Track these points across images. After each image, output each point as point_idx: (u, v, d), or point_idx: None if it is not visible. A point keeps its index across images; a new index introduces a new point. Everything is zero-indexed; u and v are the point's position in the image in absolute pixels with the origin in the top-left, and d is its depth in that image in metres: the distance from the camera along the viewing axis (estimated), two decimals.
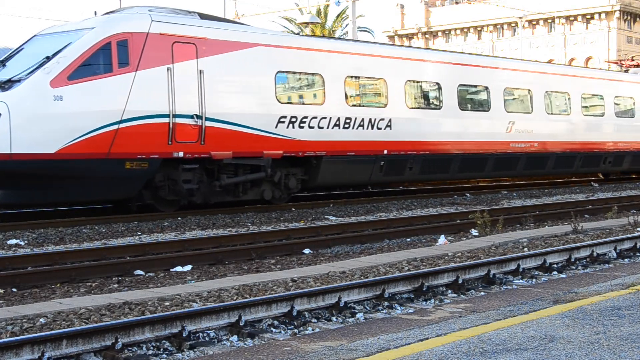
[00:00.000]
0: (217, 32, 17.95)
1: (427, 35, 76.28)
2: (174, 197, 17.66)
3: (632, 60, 38.44)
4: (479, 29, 72.93)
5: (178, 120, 16.87)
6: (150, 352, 6.78)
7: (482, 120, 24.50)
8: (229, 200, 18.56)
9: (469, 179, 27.60)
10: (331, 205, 20.52)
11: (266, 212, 18.63)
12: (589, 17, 66.99)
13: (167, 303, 8.35)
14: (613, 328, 6.13)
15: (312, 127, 19.57)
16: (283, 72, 19.28)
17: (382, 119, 21.30)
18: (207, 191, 17.90)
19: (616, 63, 39.13)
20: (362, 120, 20.83)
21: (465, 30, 74.12)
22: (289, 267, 11.73)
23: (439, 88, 23.25)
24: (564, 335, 5.92)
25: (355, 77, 21.08)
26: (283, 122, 18.91)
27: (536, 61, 31.87)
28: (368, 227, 16.14)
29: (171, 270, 11.55)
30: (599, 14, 66.65)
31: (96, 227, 15.64)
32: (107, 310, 7.98)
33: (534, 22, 68.36)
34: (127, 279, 10.88)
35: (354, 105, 20.80)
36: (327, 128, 19.96)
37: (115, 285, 10.39)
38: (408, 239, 14.86)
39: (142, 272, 11.30)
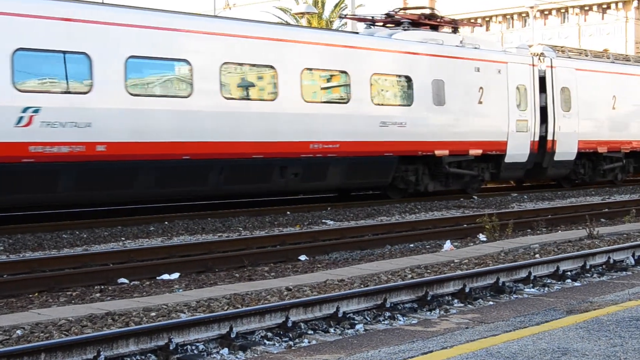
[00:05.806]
0: None
1: None
2: None
3: (388, 15, 23.79)
4: (487, 19, 73.05)
5: None
6: None
7: None
8: None
9: None
10: (329, 208, 20.50)
11: (259, 216, 18.62)
12: (605, 6, 67.08)
13: (153, 313, 8.36)
14: (631, 340, 6.14)
15: None
16: None
17: None
18: None
19: (363, 20, 25.13)
20: None
21: (472, 20, 74.23)
22: (284, 274, 11.75)
23: None
24: (579, 348, 5.93)
25: None
26: None
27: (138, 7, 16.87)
28: (368, 232, 16.16)
29: (157, 278, 11.56)
30: (616, 3, 66.73)
31: (77, 233, 15.64)
32: (88, 321, 7.99)
33: (546, 13, 68.44)
34: (110, 288, 10.89)
35: None
36: None
37: (98, 295, 10.40)
38: (411, 245, 14.89)
39: (126, 281, 11.31)
